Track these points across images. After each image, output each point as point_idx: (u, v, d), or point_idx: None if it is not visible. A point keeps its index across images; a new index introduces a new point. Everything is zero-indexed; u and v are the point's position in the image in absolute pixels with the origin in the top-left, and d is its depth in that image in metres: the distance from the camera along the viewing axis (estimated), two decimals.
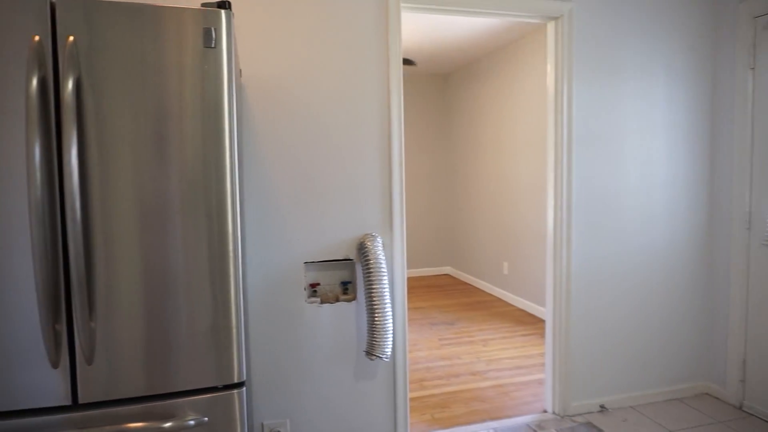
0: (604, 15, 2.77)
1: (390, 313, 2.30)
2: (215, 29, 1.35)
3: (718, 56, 2.96)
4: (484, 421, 2.83)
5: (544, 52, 4.58)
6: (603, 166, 2.84)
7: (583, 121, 2.78)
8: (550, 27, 2.78)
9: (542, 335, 4.26)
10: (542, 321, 4.66)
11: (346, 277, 2.45)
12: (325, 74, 2.35)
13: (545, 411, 2.92)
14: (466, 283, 6.26)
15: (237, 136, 1.46)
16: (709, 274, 3.07)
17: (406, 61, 4.56)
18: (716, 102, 2.98)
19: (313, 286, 2.42)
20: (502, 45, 5.20)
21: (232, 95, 1.39)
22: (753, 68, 2.76)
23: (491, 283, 5.76)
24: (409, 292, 5.85)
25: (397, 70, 2.43)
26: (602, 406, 2.92)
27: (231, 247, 1.40)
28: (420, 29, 4.53)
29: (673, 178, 2.96)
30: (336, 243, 2.41)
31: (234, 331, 1.42)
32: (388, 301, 2.30)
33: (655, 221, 2.95)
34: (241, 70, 2.22)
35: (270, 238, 2.33)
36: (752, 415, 2.82)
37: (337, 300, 2.43)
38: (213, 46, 1.35)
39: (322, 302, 2.41)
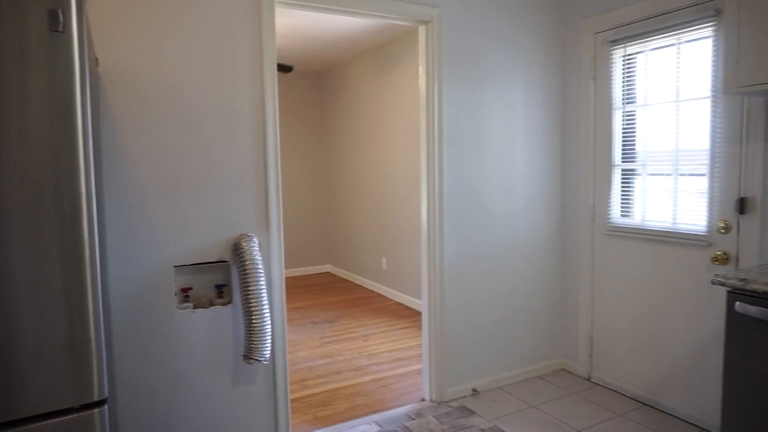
0: (470, 23, 2.95)
1: (268, 315, 2.25)
2: (63, 12, 1.21)
3: (567, 66, 3.29)
4: (366, 415, 2.88)
5: (417, 54, 4.76)
6: (471, 165, 3.02)
7: (453, 121, 2.94)
8: (421, 30, 2.89)
9: (419, 327, 4.44)
10: (419, 313, 4.85)
11: (221, 280, 2.35)
12: (196, 68, 2.23)
13: (423, 399, 3.05)
14: (346, 280, 6.32)
15: (92, 131, 1.32)
16: (563, 262, 3.41)
17: (283, 67, 4.47)
18: (566, 107, 3.32)
19: (184, 291, 2.28)
20: (379, 45, 5.32)
21: (86, 86, 1.26)
22: (594, 78, 3.11)
23: (371, 279, 5.87)
24: (289, 292, 5.77)
25: (272, 65, 2.38)
26: (475, 390, 3.12)
27: (87, 254, 1.27)
28: (296, 27, 4.48)
29: (531, 175, 3.25)
30: (209, 244, 2.30)
31: (93, 344, 1.29)
32: (265, 302, 2.24)
33: (517, 215, 3.21)
34: (97, 59, 2.02)
35: (135, 242, 2.16)
36: (598, 384, 3.19)
37: (212, 304, 2.32)
38: (61, 30, 1.21)
39: (195, 307, 2.29)
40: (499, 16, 3.04)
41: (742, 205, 2.42)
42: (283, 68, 4.40)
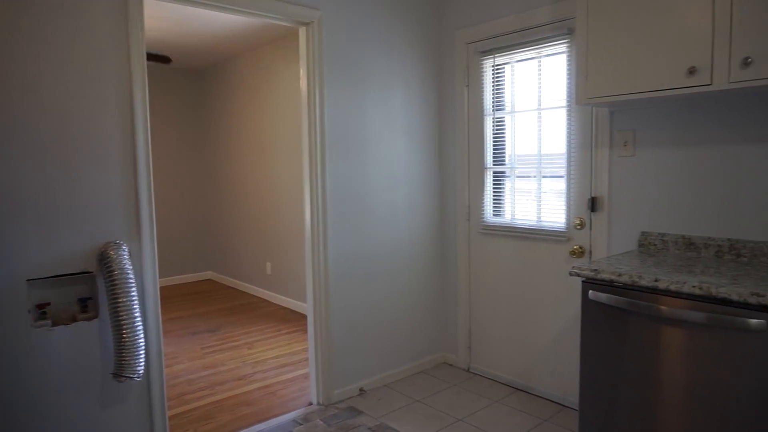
0: (351, 27, 2.99)
1: (141, 328, 2.09)
2: None
3: (443, 73, 3.46)
4: (251, 425, 2.79)
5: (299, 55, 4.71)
6: (354, 167, 3.06)
7: (335, 124, 2.95)
8: (302, 32, 2.87)
9: (306, 331, 4.39)
10: (306, 317, 4.80)
11: (85, 293, 2.14)
12: (54, 62, 2.01)
13: (311, 403, 3.03)
14: (229, 287, 6.09)
15: None
16: (443, 260, 3.58)
17: (161, 58, 4.18)
18: (443, 112, 3.48)
19: (41, 307, 2.05)
20: (260, 44, 5.19)
21: None
22: (467, 86, 3.30)
23: (255, 285, 5.71)
24: (166, 302, 5.42)
25: (141, 61, 2.22)
26: (362, 390, 3.16)
27: None
28: (171, 21, 4.22)
29: (412, 178, 3.36)
30: (70, 254, 2.09)
31: None
32: (137, 314, 2.09)
33: (398, 216, 3.31)
34: None
35: None
36: (477, 374, 3.39)
37: (75, 320, 2.11)
38: None
39: (54, 325, 2.06)
40: (378, 22, 3.11)
41: (593, 204, 2.71)
42: (158, 58, 4.10)
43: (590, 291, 2.04)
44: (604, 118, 2.63)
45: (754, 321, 1.63)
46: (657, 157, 2.46)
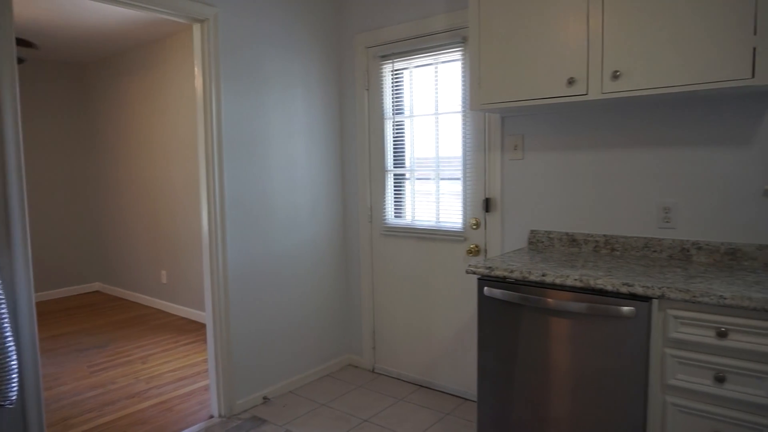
0: (249, 27, 2.91)
1: (13, 348, 1.88)
2: None
3: (344, 76, 3.47)
4: None
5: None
6: (254, 169, 2.98)
7: (233, 124, 2.86)
8: (196, 29, 2.75)
9: (206, 341, 4.20)
10: (205, 326, 4.60)
11: None
12: None
13: (212, 416, 2.90)
14: (120, 299, 5.67)
15: None
16: (346, 262, 3.59)
17: (23, 42, 3.78)
18: (344, 115, 3.50)
19: None
20: (153, 39, 4.90)
21: None
22: (368, 89, 3.34)
23: (149, 295, 5.37)
24: (48, 318, 4.94)
25: (8, 46, 2.00)
26: (266, 398, 3.08)
27: None
28: (48, 10, 3.86)
29: (314, 180, 3.34)
30: None
31: None
32: (9, 334, 1.88)
33: (301, 218, 3.27)
34: None
35: None
36: (382, 374, 3.44)
37: None
38: None
39: None
40: (277, 22, 3.06)
41: (488, 205, 2.85)
42: (22, 43, 3.70)
43: (485, 287, 2.14)
44: (496, 123, 2.78)
45: (625, 308, 1.80)
46: (543, 160, 2.64)
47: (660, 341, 1.78)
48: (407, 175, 3.24)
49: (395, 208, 3.32)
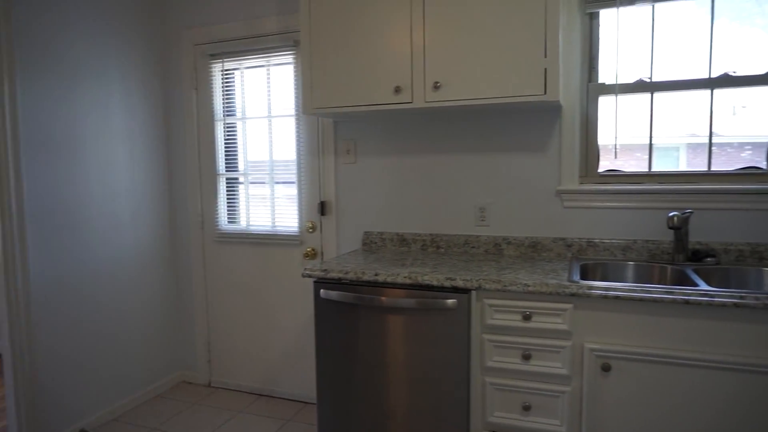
0: (52, 11, 2.55)
1: None
2: None
3: (169, 74, 3.24)
4: None
5: None
6: (63, 175, 2.63)
7: (36, 124, 2.49)
8: None
9: (4, 374, 3.60)
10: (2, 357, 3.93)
11: None
12: None
13: None
14: None
15: None
16: (176, 271, 3.35)
17: None
18: (170, 116, 3.26)
19: None
20: None
21: None
22: (196, 89, 3.17)
23: None
24: None
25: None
26: (83, 430, 2.74)
27: None
28: None
29: (136, 185, 3.06)
30: None
31: None
32: None
33: (121, 228, 2.97)
34: None
35: None
36: (219, 388, 3.28)
37: None
38: None
39: None
40: (91, 10, 2.73)
41: (323, 208, 2.89)
42: None
43: (321, 290, 2.17)
44: (329, 128, 2.83)
45: (449, 301, 1.96)
46: (374, 164, 2.76)
47: (479, 328, 1.97)
48: (241, 179, 3.14)
49: (229, 214, 3.19)
